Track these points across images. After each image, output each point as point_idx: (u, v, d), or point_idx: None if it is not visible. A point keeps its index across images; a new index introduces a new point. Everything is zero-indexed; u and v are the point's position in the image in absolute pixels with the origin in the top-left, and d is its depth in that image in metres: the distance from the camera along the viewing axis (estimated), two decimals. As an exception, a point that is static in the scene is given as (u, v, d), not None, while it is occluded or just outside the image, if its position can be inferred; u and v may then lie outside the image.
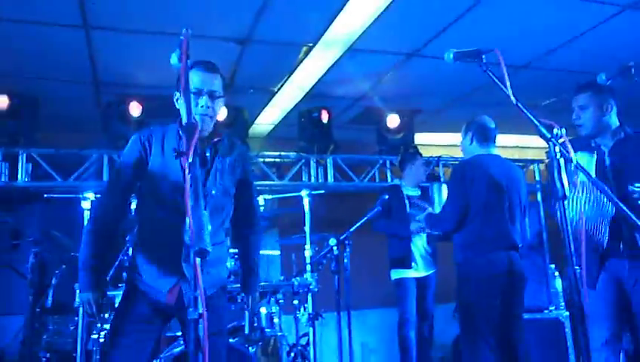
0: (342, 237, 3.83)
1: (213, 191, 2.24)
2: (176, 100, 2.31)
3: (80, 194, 3.50)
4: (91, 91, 5.22)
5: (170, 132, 2.31)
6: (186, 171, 1.41)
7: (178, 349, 3.08)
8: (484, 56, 2.07)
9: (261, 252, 4.12)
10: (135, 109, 5.10)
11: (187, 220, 1.43)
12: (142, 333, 2.17)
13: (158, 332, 2.27)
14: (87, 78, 4.89)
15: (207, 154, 2.27)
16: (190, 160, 1.43)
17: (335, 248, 3.81)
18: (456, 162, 6.15)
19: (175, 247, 2.03)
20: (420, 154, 5.17)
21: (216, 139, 2.31)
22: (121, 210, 2.30)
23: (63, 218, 5.07)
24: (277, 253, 3.92)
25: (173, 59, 2.03)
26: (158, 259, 2.21)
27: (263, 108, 5.87)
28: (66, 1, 3.60)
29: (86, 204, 3.48)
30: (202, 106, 2.21)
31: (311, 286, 3.63)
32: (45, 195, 3.69)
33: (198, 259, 1.37)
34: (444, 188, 4.38)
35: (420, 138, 6.35)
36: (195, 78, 2.21)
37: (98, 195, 3.60)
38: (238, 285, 3.30)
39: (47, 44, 4.24)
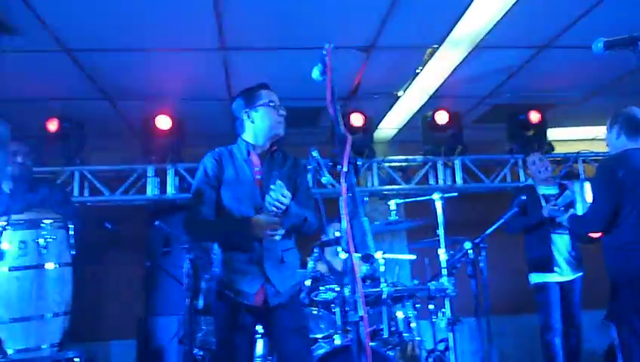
0: (477, 240, 3.74)
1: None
2: (246, 116, 2.63)
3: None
4: (226, 108, 5.59)
5: (236, 149, 2.65)
6: (342, 179, 1.48)
7: (322, 351, 3.19)
8: (640, 43, 1.92)
9: (393, 256, 4.15)
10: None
11: (343, 225, 1.49)
12: (242, 336, 2.40)
13: (252, 332, 2.55)
14: (222, 95, 5.26)
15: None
16: (345, 169, 1.49)
17: (470, 251, 3.71)
18: (598, 158, 5.70)
19: (254, 252, 2.39)
20: (550, 150, 4.88)
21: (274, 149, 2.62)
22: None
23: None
24: (412, 256, 3.90)
25: (315, 73, 2.13)
26: (241, 265, 2.43)
27: (387, 113, 5.90)
28: (205, 27, 3.92)
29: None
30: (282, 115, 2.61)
31: (448, 291, 3.57)
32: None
33: (361, 265, 1.42)
34: (587, 186, 4.09)
35: (554, 133, 5.98)
36: (272, 95, 2.65)
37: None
38: (376, 289, 3.38)
39: (188, 68, 4.64)
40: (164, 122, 5.25)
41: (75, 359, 3.08)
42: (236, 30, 4.01)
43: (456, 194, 4.08)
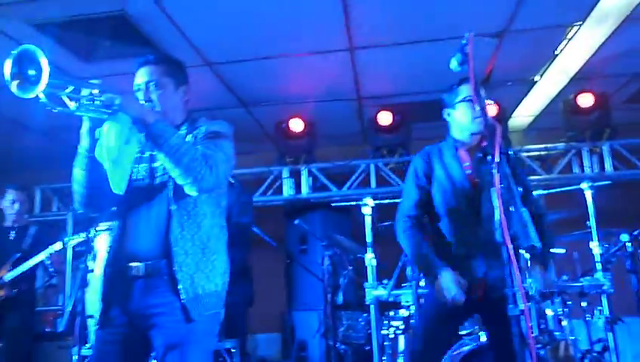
0: (636, 232, 3.40)
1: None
2: (447, 115, 2.52)
3: (360, 201, 3.84)
4: (355, 107, 5.68)
5: (445, 146, 2.54)
6: (495, 170, 1.43)
7: (467, 347, 3.11)
8: None
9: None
10: (385, 119, 5.39)
11: (496, 217, 1.44)
12: (446, 328, 2.33)
13: (457, 326, 2.45)
14: (351, 95, 5.34)
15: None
16: (497, 159, 1.44)
17: (629, 244, 3.39)
18: None
19: (472, 245, 2.27)
20: None
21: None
22: (420, 220, 2.54)
23: (343, 223, 5.64)
24: (561, 250, 3.65)
25: (453, 63, 2.07)
26: (457, 258, 2.34)
27: (522, 100, 5.59)
28: (334, 29, 4.02)
29: (366, 210, 3.79)
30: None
31: (604, 287, 3.29)
32: (333, 204, 4.11)
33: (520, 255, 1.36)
34: None
35: None
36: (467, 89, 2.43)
37: (376, 201, 3.90)
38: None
39: (317, 70, 4.78)
40: (296, 125, 5.47)
41: (232, 349, 3.30)
42: (364, 29, 4.06)
43: (608, 182, 3.74)
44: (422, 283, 3.29)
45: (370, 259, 3.70)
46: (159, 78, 2.00)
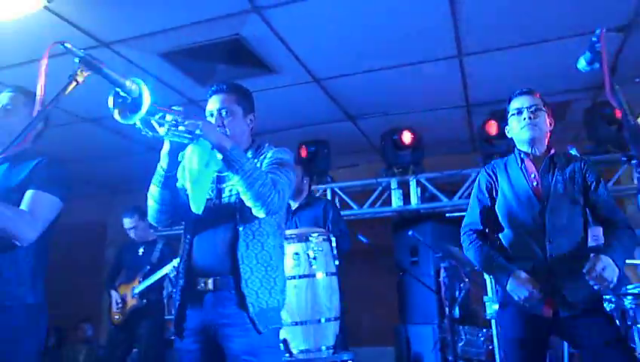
0: None
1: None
2: (507, 132, 2.54)
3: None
4: (464, 115, 5.53)
5: (512, 158, 2.51)
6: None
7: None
8: None
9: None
10: (494, 126, 5.18)
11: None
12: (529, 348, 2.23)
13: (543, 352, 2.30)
14: (460, 103, 5.21)
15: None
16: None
17: None
18: None
19: (537, 261, 2.26)
20: None
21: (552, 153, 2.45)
22: (484, 233, 2.52)
23: (455, 234, 5.47)
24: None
25: (581, 63, 1.95)
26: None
27: (651, 98, 5.11)
28: (442, 36, 3.95)
29: (482, 221, 3.66)
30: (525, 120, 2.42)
31: None
32: (447, 215, 4.02)
33: None
34: None
35: None
36: (518, 102, 2.46)
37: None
38: None
39: (425, 80, 4.71)
40: (404, 135, 5.42)
41: (349, 361, 3.32)
42: (473, 34, 3.95)
43: None
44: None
45: (489, 271, 3.54)
46: (230, 105, 2.19)
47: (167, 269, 4.33)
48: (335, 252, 3.94)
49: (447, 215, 4.11)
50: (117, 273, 4.67)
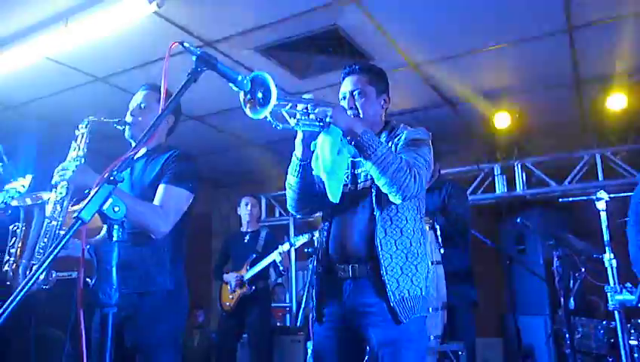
0: None
1: None
2: None
3: (592, 195, 3.45)
4: (572, 94, 5.17)
5: None
6: None
7: None
8: None
9: None
10: (616, 102, 4.78)
11: None
12: None
13: None
14: (568, 80, 4.87)
15: None
16: None
17: None
18: None
19: None
20: None
21: None
22: None
23: (564, 221, 5.17)
24: None
25: None
26: None
27: None
28: (550, 10, 3.70)
29: (601, 205, 3.38)
30: None
31: None
32: (560, 200, 3.78)
33: None
34: None
35: None
36: None
37: (611, 195, 3.47)
38: None
39: (531, 58, 4.45)
40: (506, 119, 5.18)
41: (460, 352, 3.23)
42: (585, 6, 3.67)
43: None
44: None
45: (609, 259, 3.30)
46: (362, 86, 2.10)
47: (272, 257, 4.46)
48: (440, 240, 3.85)
49: (560, 200, 3.85)
50: (224, 262, 4.89)
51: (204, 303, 6.85)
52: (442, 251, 3.73)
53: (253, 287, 4.50)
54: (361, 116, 2.06)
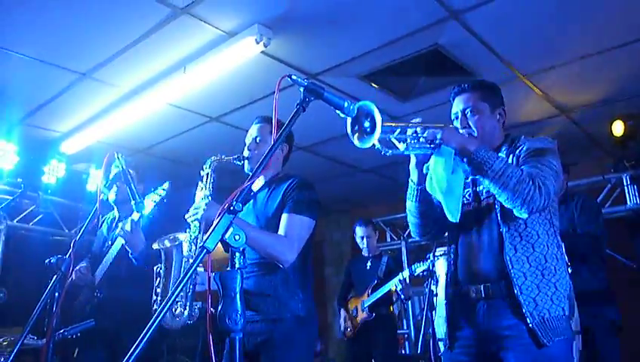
0: None
1: None
2: None
3: None
4: None
5: None
6: None
7: None
8: None
9: None
10: None
11: None
12: None
13: None
14: None
15: None
16: None
17: None
18: None
19: None
20: None
21: None
22: None
23: None
24: None
25: None
26: None
27: None
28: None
29: None
30: None
31: None
32: None
33: None
34: None
35: None
36: None
37: None
38: None
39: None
40: (632, 125, 4.75)
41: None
42: None
43: None
44: None
45: None
46: (475, 104, 2.05)
47: (394, 283, 4.39)
48: (566, 258, 3.57)
49: None
50: (348, 290, 4.88)
51: (322, 331, 6.92)
52: (570, 270, 3.47)
53: (374, 314, 4.46)
54: (476, 134, 2.01)
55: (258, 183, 2.51)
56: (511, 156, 1.96)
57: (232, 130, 5.02)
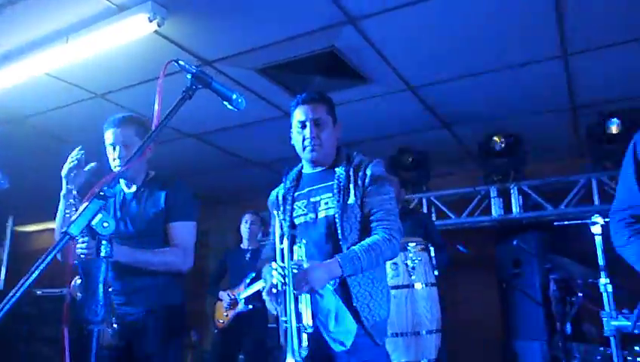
0: None
1: None
2: None
3: (587, 219, 3.45)
4: (569, 117, 5.20)
5: None
6: None
7: None
8: None
9: None
10: (613, 127, 4.80)
11: None
12: None
13: None
14: (564, 105, 4.91)
15: None
16: None
17: None
18: None
19: None
20: None
21: None
22: None
23: (561, 244, 5.15)
24: None
25: None
26: None
27: None
28: (545, 36, 3.74)
29: (596, 229, 3.38)
30: None
31: None
32: (556, 223, 3.78)
33: None
34: None
35: None
36: None
37: (606, 220, 3.46)
38: None
39: (527, 82, 4.48)
40: (503, 142, 5.22)
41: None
42: (579, 32, 3.71)
43: None
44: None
45: (605, 284, 3.28)
46: (324, 116, 2.14)
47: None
48: (434, 262, 3.84)
49: (555, 223, 3.85)
50: (220, 278, 4.83)
51: (198, 322, 6.79)
52: (436, 273, 3.74)
53: (250, 306, 4.45)
54: (323, 147, 2.11)
55: (125, 187, 2.50)
56: (357, 178, 2.07)
57: (118, 110, 4.70)
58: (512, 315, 5.17)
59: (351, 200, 2.04)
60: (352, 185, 2.06)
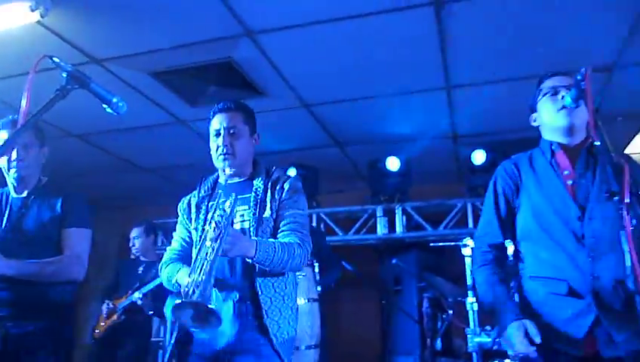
0: None
1: None
2: (534, 121, 2.15)
3: (459, 241, 3.70)
4: (450, 146, 5.58)
5: (537, 151, 2.09)
6: (624, 212, 1.32)
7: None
8: None
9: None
10: (480, 157, 5.25)
11: (628, 261, 1.33)
12: None
13: None
14: (447, 133, 5.26)
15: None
16: (627, 200, 1.34)
17: None
18: None
19: (575, 281, 1.82)
20: None
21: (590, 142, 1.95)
22: (504, 250, 2.11)
23: (438, 264, 5.48)
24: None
25: (567, 100, 1.97)
26: (550, 297, 1.89)
27: (634, 137, 5.22)
28: (431, 68, 4.01)
29: (466, 251, 3.63)
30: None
31: None
32: (431, 244, 4.02)
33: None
34: None
35: None
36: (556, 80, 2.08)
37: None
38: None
39: (415, 109, 4.76)
40: (391, 164, 5.47)
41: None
42: (461, 67, 4.01)
43: None
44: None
45: (471, 302, 3.53)
46: (239, 125, 2.14)
47: (136, 295, 4.18)
48: (318, 278, 3.91)
49: (431, 244, 4.10)
50: (112, 291, 4.52)
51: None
52: (319, 289, 3.81)
53: (123, 317, 4.23)
54: (236, 156, 2.11)
55: (14, 191, 2.43)
56: (274, 191, 2.10)
57: (-10, 100, 4.36)
58: (391, 331, 5.39)
59: (267, 213, 2.05)
60: (269, 199, 2.07)
